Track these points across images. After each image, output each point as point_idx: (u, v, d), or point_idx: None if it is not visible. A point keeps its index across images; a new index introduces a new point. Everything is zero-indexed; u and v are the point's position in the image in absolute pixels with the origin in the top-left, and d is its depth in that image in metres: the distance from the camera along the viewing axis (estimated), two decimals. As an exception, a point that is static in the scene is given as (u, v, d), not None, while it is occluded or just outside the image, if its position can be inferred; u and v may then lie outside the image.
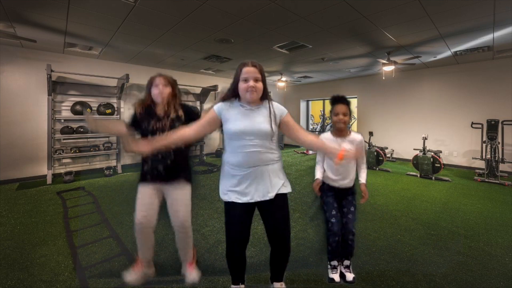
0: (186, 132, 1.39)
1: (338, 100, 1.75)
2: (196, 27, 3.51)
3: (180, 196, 1.61)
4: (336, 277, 1.76)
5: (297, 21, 3.28)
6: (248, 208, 1.41)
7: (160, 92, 1.60)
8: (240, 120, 1.34)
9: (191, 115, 1.67)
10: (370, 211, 3.08)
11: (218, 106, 1.41)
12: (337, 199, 1.81)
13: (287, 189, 1.45)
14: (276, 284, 1.58)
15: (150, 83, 1.65)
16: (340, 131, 1.77)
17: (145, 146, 1.32)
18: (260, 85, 1.34)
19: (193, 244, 1.79)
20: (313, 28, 3.52)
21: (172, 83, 1.68)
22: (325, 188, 1.82)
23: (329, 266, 1.83)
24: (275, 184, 1.40)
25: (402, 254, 2.13)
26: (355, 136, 1.78)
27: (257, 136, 1.34)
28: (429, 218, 2.90)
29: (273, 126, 1.35)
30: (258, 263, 1.99)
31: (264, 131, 1.33)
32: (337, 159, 1.35)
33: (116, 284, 1.73)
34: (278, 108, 1.42)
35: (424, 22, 3.27)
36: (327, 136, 1.81)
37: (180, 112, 1.64)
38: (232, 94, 1.40)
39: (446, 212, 3.07)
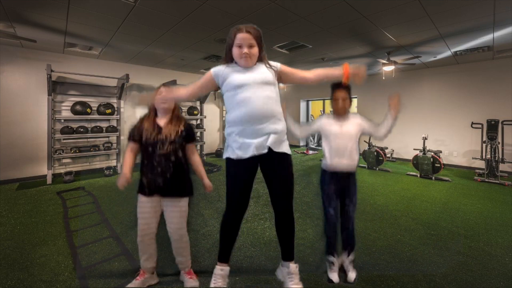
0: (182, 92, 1.50)
1: (337, 85, 1.75)
2: (196, 27, 3.51)
3: (176, 207, 1.63)
4: (335, 277, 1.75)
5: (297, 21, 3.28)
6: (251, 164, 1.40)
7: (163, 97, 1.61)
8: (240, 74, 1.36)
9: (189, 136, 1.68)
10: (370, 211, 3.08)
11: (215, 69, 1.44)
12: (337, 186, 1.77)
13: (289, 150, 1.47)
14: (292, 266, 1.55)
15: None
16: (340, 116, 1.78)
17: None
18: (254, 50, 1.35)
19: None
20: (313, 28, 3.52)
21: None
22: (326, 177, 1.79)
23: (327, 263, 1.82)
24: (279, 140, 1.40)
25: (402, 254, 2.13)
26: (354, 116, 1.79)
27: (260, 86, 1.35)
28: (429, 218, 2.89)
29: (269, 74, 1.38)
30: (258, 263, 1.99)
31: (265, 77, 1.36)
32: (345, 78, 1.43)
33: (116, 284, 1.73)
34: (274, 64, 1.45)
35: (424, 22, 3.27)
36: (325, 117, 1.82)
37: (182, 127, 1.64)
38: (228, 59, 1.42)
39: (446, 212, 3.07)
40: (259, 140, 1.36)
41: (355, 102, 7.83)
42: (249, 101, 1.33)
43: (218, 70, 1.43)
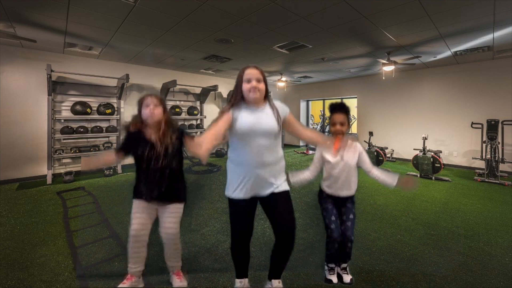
0: (203, 144, 1.22)
1: (336, 109, 1.74)
2: (196, 27, 3.51)
3: (173, 213, 1.63)
4: (334, 278, 1.78)
5: (297, 21, 3.28)
6: (251, 202, 1.48)
7: (151, 113, 1.56)
8: (248, 118, 1.39)
9: (182, 139, 1.65)
10: (370, 211, 3.08)
11: (230, 108, 1.43)
12: (336, 205, 1.80)
13: (288, 187, 1.53)
14: (275, 282, 1.59)
15: (140, 104, 1.61)
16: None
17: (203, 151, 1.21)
18: (262, 85, 1.40)
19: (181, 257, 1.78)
20: (313, 28, 3.52)
21: (163, 104, 1.64)
22: (324, 195, 1.82)
23: (326, 268, 1.84)
24: (279, 182, 1.47)
25: (402, 254, 2.13)
26: (354, 144, 1.78)
27: (264, 134, 1.39)
28: (429, 218, 2.89)
29: (279, 123, 1.43)
30: (258, 262, 1.99)
31: (271, 128, 1.40)
32: (334, 150, 1.51)
33: (116, 284, 1.73)
34: (281, 107, 1.50)
35: (424, 22, 3.27)
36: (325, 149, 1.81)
37: (173, 137, 1.60)
38: (238, 97, 1.43)
39: (446, 212, 3.07)
40: (260, 184, 1.43)
41: (354, 102, 7.83)
42: (251, 150, 1.39)
43: (233, 110, 1.41)
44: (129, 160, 1.66)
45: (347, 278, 1.76)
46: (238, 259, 1.59)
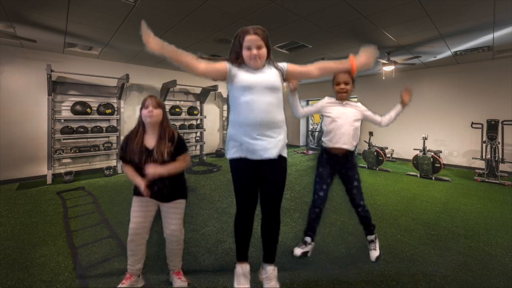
0: (196, 64, 1.32)
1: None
2: (196, 27, 3.51)
3: (176, 209, 1.63)
4: (297, 250, 1.77)
5: (297, 21, 3.28)
6: (254, 164, 1.43)
7: (150, 113, 1.53)
8: (249, 75, 1.37)
9: (181, 150, 1.61)
10: (370, 211, 3.08)
11: (229, 63, 1.41)
12: (334, 172, 1.76)
13: (285, 153, 1.50)
14: (269, 269, 1.58)
15: (141, 105, 1.59)
16: (342, 100, 1.77)
17: (154, 42, 1.32)
18: (263, 51, 1.37)
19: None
20: (313, 28, 3.52)
21: (163, 107, 1.62)
22: (324, 158, 1.78)
23: (301, 242, 1.83)
24: (280, 144, 1.44)
25: (402, 254, 2.13)
26: (357, 104, 1.79)
27: (265, 89, 1.37)
28: (429, 218, 2.89)
29: (276, 79, 1.40)
30: (258, 263, 1.99)
31: (272, 83, 1.37)
32: (353, 72, 1.46)
33: (116, 284, 1.73)
34: (280, 64, 1.47)
35: (424, 22, 3.27)
36: (327, 99, 1.81)
37: (170, 143, 1.57)
38: (237, 59, 1.41)
39: (446, 212, 3.07)
40: (260, 146, 1.39)
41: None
42: (252, 106, 1.36)
43: (231, 65, 1.41)
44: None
45: (373, 254, 1.73)
46: (242, 234, 1.55)
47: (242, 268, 1.59)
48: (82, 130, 4.87)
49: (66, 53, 4.82)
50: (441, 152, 5.04)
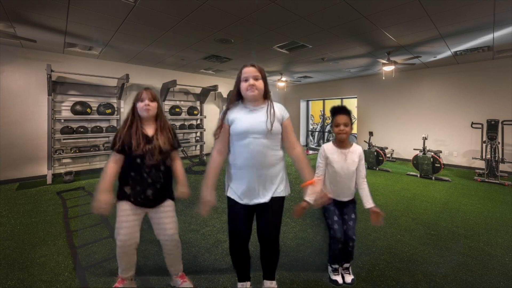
0: (218, 158, 1.47)
1: (339, 111, 1.73)
2: (196, 27, 3.51)
3: (166, 213, 1.58)
4: (339, 279, 1.77)
5: (297, 21, 3.27)
6: (249, 207, 1.45)
7: (147, 106, 1.51)
8: (245, 119, 1.39)
9: (176, 144, 1.62)
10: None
11: (226, 116, 1.45)
12: (338, 205, 1.81)
13: (285, 192, 1.48)
14: (266, 283, 1.60)
15: (136, 99, 1.56)
16: (342, 142, 1.76)
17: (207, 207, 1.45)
18: (259, 83, 1.38)
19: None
20: (313, 28, 3.52)
21: (158, 99, 1.61)
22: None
23: (330, 268, 1.84)
24: (275, 186, 1.44)
25: (402, 254, 2.13)
26: (356, 147, 1.78)
27: (260, 135, 1.37)
28: (429, 218, 2.89)
29: (275, 124, 1.39)
30: (258, 263, 1.99)
31: (268, 128, 1.37)
32: (305, 183, 1.42)
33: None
34: (280, 109, 1.46)
35: (424, 22, 3.27)
36: (329, 147, 1.79)
37: (169, 134, 1.57)
38: (236, 97, 1.45)
39: (446, 212, 3.07)
40: (257, 187, 1.41)
41: (354, 102, 7.83)
42: (250, 148, 1.38)
43: (227, 114, 1.44)
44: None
45: (348, 278, 1.77)
46: (237, 262, 1.58)
47: (243, 285, 1.61)
48: (82, 130, 4.87)
49: (66, 53, 4.82)
50: (441, 152, 5.04)
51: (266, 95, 1.44)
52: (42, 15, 3.11)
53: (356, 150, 1.76)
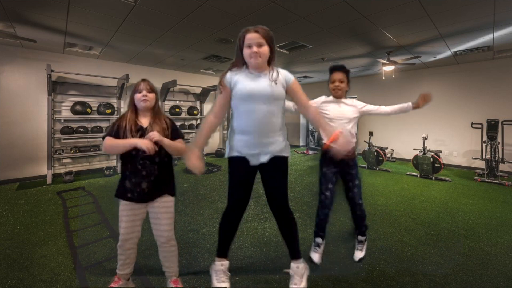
0: (213, 121, 1.45)
1: (335, 68, 1.74)
2: (196, 27, 3.51)
3: (163, 209, 1.56)
4: (315, 256, 1.73)
5: (297, 21, 3.28)
6: (252, 169, 1.47)
7: (144, 97, 1.51)
8: (248, 83, 1.38)
9: (176, 134, 1.58)
10: (370, 211, 3.08)
11: (227, 78, 1.43)
12: (338, 173, 1.76)
13: (286, 153, 1.51)
14: (293, 265, 1.57)
15: (134, 90, 1.57)
16: (338, 98, 1.76)
17: (194, 157, 1.38)
18: (264, 49, 1.35)
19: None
20: (313, 28, 3.52)
21: (156, 91, 1.61)
22: (326, 159, 1.78)
23: (313, 244, 1.81)
24: (278, 148, 1.46)
25: (402, 254, 2.13)
26: (355, 101, 1.78)
27: (263, 99, 1.37)
28: (429, 218, 2.89)
29: (278, 87, 1.38)
30: (258, 263, 1.99)
31: (271, 93, 1.37)
32: (328, 141, 1.35)
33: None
34: (283, 74, 1.44)
35: (424, 22, 3.27)
36: (325, 98, 1.79)
37: (165, 125, 1.55)
38: (239, 62, 1.42)
39: (446, 212, 3.07)
40: (261, 151, 1.43)
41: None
42: (253, 115, 1.38)
43: (230, 78, 1.43)
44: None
45: (357, 255, 1.73)
46: (227, 231, 1.56)
47: (223, 264, 1.58)
48: (82, 130, 4.87)
49: (66, 53, 4.82)
50: (441, 152, 5.04)
51: (270, 61, 1.41)
52: (42, 15, 3.11)
53: (354, 101, 1.77)
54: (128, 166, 1.51)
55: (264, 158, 1.44)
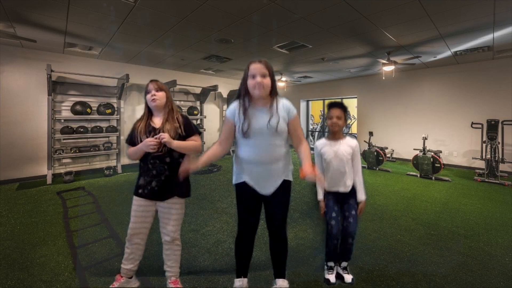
0: (217, 148, 1.51)
1: (333, 105, 1.77)
2: (196, 27, 3.51)
3: (173, 210, 1.58)
4: (331, 278, 1.76)
5: (297, 21, 3.27)
6: (258, 195, 1.50)
7: (153, 97, 1.54)
8: (250, 120, 1.41)
9: (189, 131, 1.60)
10: (370, 211, 3.08)
11: (230, 110, 1.48)
12: (338, 202, 1.80)
13: (290, 177, 1.55)
14: (278, 281, 1.61)
15: (145, 92, 1.61)
16: (335, 135, 1.78)
17: (194, 166, 1.46)
18: (267, 80, 1.38)
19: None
20: (313, 28, 3.52)
21: (165, 89, 1.62)
22: (326, 193, 1.82)
23: (325, 267, 1.83)
24: (282, 175, 1.50)
25: (402, 254, 2.13)
26: (350, 140, 1.79)
27: (265, 135, 1.40)
28: (429, 218, 2.89)
29: (280, 124, 1.41)
30: (258, 262, 1.99)
31: (271, 129, 1.40)
32: (301, 174, 1.39)
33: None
34: (288, 107, 1.47)
35: (424, 22, 3.27)
36: (321, 141, 1.84)
37: (177, 124, 1.57)
38: (243, 92, 1.45)
39: (446, 212, 3.07)
40: (266, 180, 1.47)
41: (354, 102, 7.83)
42: (256, 148, 1.42)
43: (233, 111, 1.47)
44: (129, 160, 1.64)
45: (348, 277, 1.76)
46: (241, 253, 1.60)
47: (241, 281, 1.63)
48: (82, 130, 4.87)
49: (66, 53, 4.82)
50: (441, 152, 5.04)
51: (272, 92, 1.43)
52: (42, 15, 3.11)
53: (350, 142, 1.78)
54: (142, 165, 1.58)
55: (270, 190, 1.47)
